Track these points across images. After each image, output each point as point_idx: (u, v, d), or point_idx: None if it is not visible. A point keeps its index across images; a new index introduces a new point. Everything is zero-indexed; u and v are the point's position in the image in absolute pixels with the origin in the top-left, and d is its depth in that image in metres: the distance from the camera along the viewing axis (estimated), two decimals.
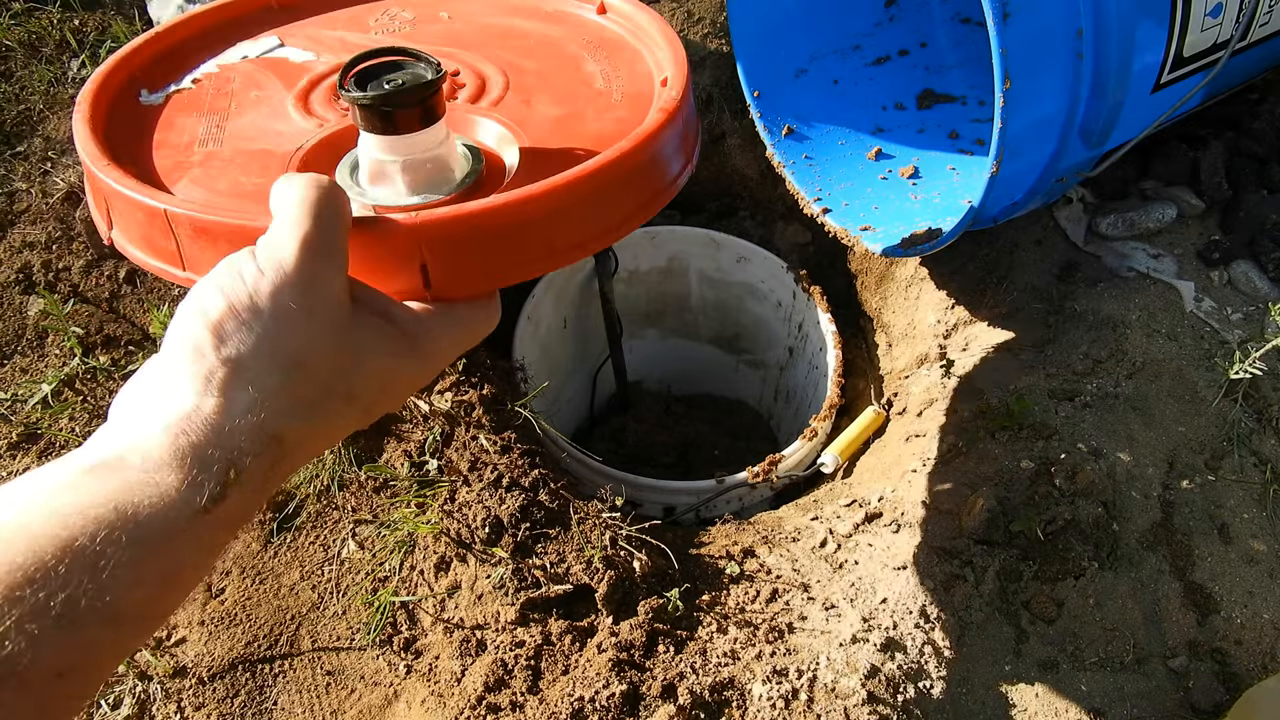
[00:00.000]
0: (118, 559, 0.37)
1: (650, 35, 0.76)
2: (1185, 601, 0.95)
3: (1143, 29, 1.02)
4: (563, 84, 0.73)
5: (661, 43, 0.74)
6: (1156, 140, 1.30)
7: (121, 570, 0.37)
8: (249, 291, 0.42)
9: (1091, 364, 1.14)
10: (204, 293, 0.43)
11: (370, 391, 0.47)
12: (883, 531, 1.03)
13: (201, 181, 0.62)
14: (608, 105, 0.71)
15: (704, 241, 1.61)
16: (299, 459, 0.45)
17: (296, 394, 0.43)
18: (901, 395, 1.34)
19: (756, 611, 0.93)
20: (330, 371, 0.44)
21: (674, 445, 1.74)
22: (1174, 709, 0.89)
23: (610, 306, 1.57)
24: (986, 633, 0.92)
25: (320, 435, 0.46)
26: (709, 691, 0.85)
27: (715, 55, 1.56)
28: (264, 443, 0.42)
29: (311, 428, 0.45)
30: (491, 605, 0.94)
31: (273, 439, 0.42)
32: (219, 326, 0.42)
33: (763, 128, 1.46)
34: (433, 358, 0.50)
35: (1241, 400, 1.08)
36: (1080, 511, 0.97)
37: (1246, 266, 1.22)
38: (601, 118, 0.69)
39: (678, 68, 0.68)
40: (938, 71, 1.50)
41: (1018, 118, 0.96)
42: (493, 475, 1.03)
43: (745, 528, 1.11)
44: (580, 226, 0.56)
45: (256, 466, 0.42)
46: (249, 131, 0.66)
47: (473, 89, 0.71)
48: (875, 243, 1.28)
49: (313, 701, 0.94)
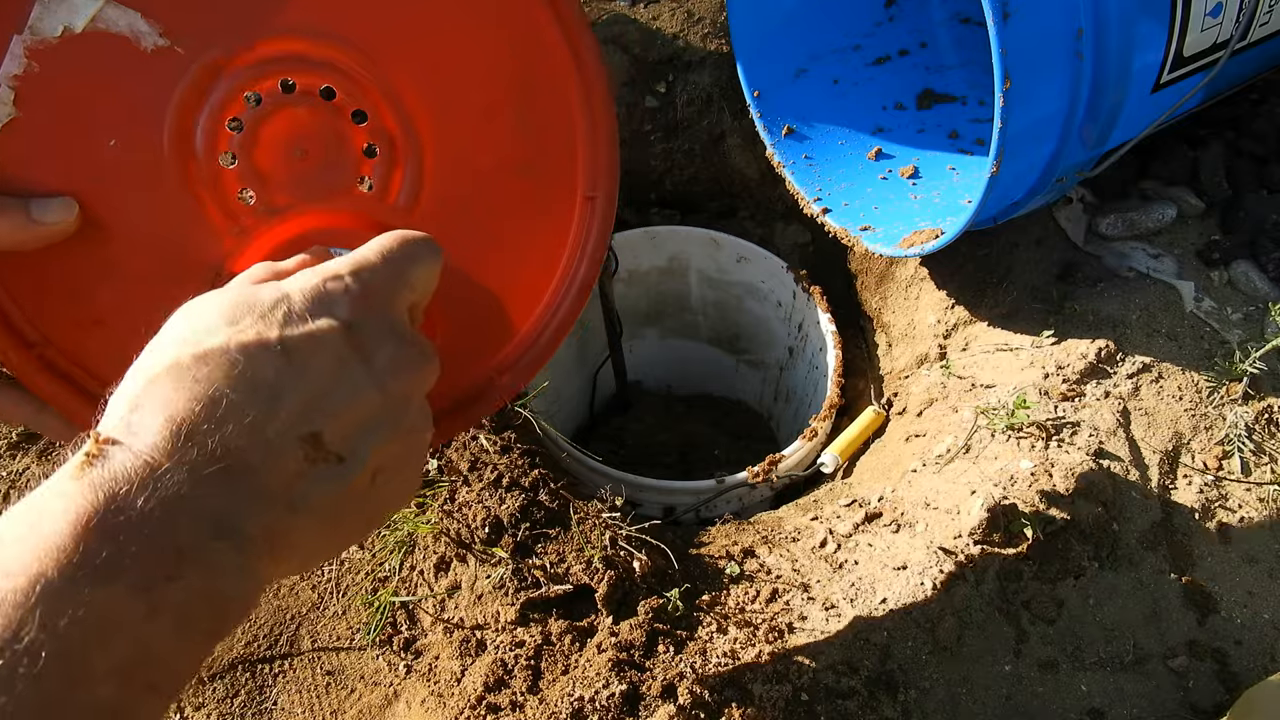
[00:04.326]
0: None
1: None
2: (1185, 601, 0.95)
3: (1142, 28, 1.02)
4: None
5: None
6: (1156, 140, 1.30)
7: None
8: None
9: (1091, 364, 1.14)
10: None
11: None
12: (883, 531, 1.03)
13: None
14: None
15: (704, 241, 1.61)
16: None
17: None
18: (901, 395, 1.34)
19: (756, 611, 0.93)
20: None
21: (674, 445, 1.74)
22: (1174, 709, 0.89)
23: (610, 306, 1.57)
24: (986, 633, 0.92)
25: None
26: (709, 691, 0.85)
27: (715, 55, 1.56)
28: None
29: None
30: (491, 605, 0.94)
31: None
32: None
33: (763, 128, 1.46)
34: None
35: (1241, 400, 1.08)
36: (1080, 511, 0.97)
37: (1246, 266, 1.22)
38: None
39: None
40: (938, 71, 1.50)
41: (1018, 118, 0.96)
42: (492, 475, 1.03)
43: (745, 528, 1.11)
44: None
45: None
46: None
47: (382, 170, 0.60)
48: (875, 243, 1.28)
49: (313, 701, 0.94)
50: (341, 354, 0.43)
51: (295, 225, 0.59)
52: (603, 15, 1.59)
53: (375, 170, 0.60)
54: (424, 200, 0.62)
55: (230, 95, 0.56)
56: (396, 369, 0.45)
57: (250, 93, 0.56)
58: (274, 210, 0.59)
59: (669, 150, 1.60)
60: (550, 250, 0.67)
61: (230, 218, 0.58)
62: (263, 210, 0.59)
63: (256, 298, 0.43)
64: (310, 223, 0.60)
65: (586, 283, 0.68)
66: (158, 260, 0.58)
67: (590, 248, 0.68)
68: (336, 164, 0.59)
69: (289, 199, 0.59)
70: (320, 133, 0.58)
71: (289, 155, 0.58)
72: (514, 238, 0.65)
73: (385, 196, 0.61)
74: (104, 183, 0.56)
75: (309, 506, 0.41)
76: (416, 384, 0.48)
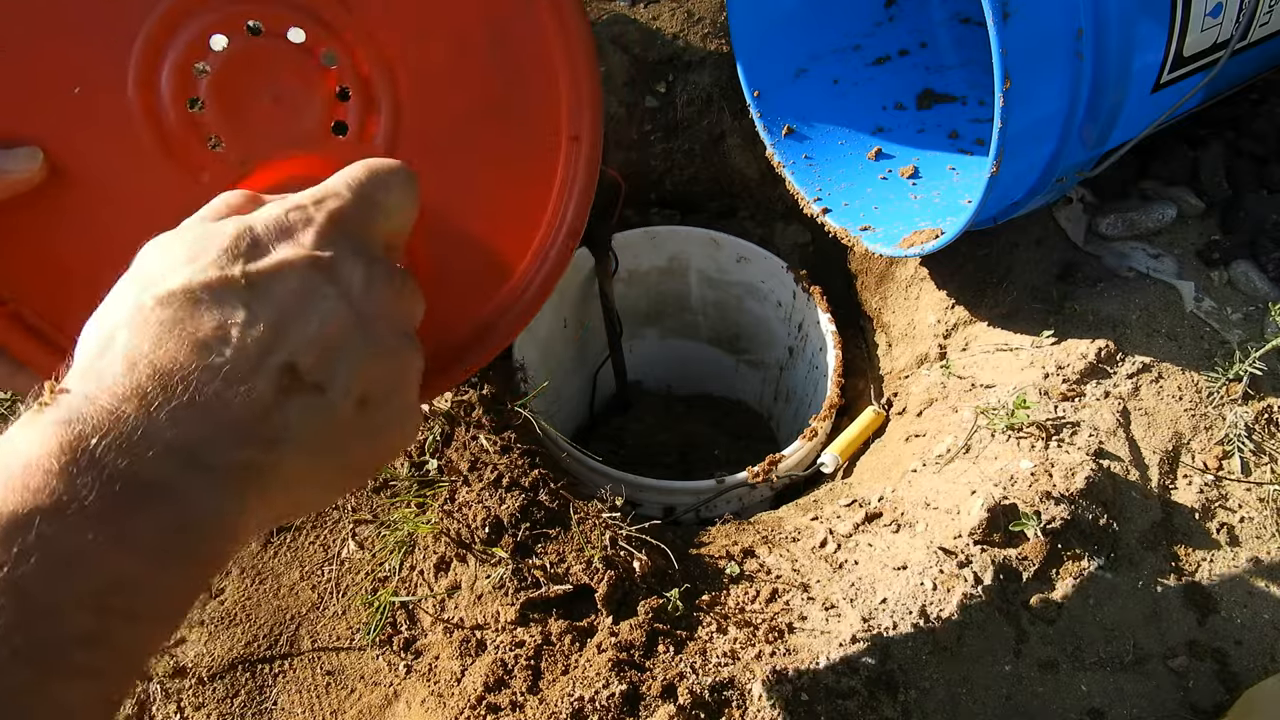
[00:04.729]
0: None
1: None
2: (1185, 601, 0.95)
3: (1142, 28, 1.02)
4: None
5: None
6: (1156, 140, 1.30)
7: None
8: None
9: (1091, 364, 1.14)
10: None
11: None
12: (883, 531, 1.03)
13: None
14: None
15: (704, 241, 1.61)
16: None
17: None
18: (901, 395, 1.34)
19: (756, 611, 0.93)
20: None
21: (674, 445, 1.74)
22: (1174, 709, 0.89)
23: (610, 306, 1.57)
24: (986, 633, 0.92)
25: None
26: (709, 691, 0.85)
27: (715, 55, 1.56)
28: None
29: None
30: (491, 605, 0.94)
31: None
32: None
33: (763, 128, 1.46)
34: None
35: (1241, 400, 1.08)
36: (1080, 511, 0.97)
37: (1246, 266, 1.22)
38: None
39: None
40: (938, 71, 1.50)
41: (1018, 118, 0.96)
42: (493, 475, 1.03)
43: (745, 528, 1.11)
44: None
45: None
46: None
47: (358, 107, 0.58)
48: (875, 243, 1.28)
49: (313, 701, 0.94)
50: (309, 281, 0.42)
51: (269, 173, 0.58)
52: (603, 15, 1.59)
53: (350, 113, 0.58)
54: (401, 145, 0.60)
55: (196, 38, 0.54)
56: (369, 290, 0.44)
57: (217, 34, 0.55)
58: (245, 157, 0.57)
59: (669, 150, 1.60)
60: (537, 195, 0.65)
61: (200, 166, 0.57)
62: (234, 158, 0.57)
63: (217, 232, 0.42)
64: (284, 170, 0.58)
65: (575, 228, 0.66)
66: (126, 210, 0.56)
67: (578, 190, 0.65)
68: (309, 108, 0.57)
69: (261, 145, 0.57)
70: (291, 76, 0.57)
71: (259, 100, 0.56)
72: (498, 182, 0.64)
73: (361, 141, 0.59)
74: (69, 131, 0.54)
75: (292, 439, 0.41)
76: (393, 304, 0.46)
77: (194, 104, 0.56)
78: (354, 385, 0.43)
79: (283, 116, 0.57)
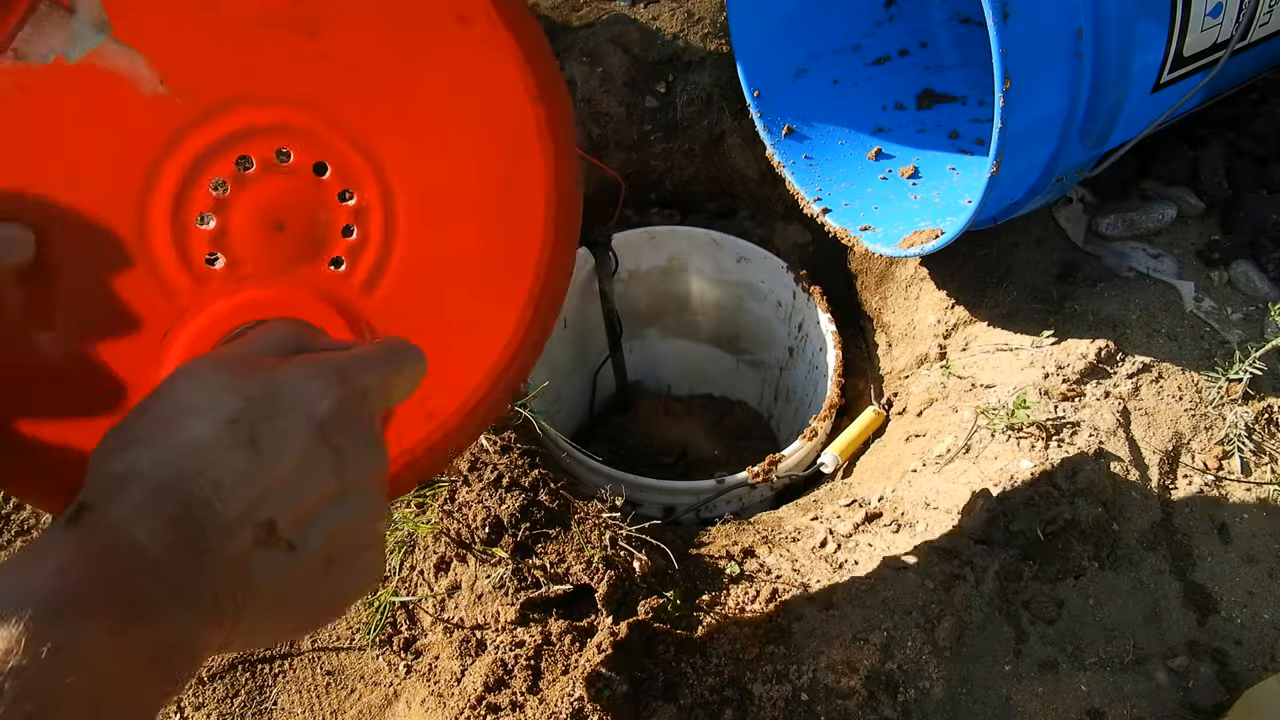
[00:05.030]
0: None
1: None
2: (1185, 601, 0.95)
3: (1142, 28, 1.02)
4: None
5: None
6: (1156, 140, 1.30)
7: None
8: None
9: (1091, 364, 1.14)
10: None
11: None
12: (883, 531, 1.03)
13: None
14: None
15: (704, 241, 1.61)
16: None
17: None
18: (901, 395, 1.34)
19: (756, 611, 0.93)
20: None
21: (674, 445, 1.74)
22: (1174, 709, 0.89)
23: (610, 306, 1.57)
24: (986, 633, 0.92)
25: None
26: (709, 691, 0.85)
27: (715, 55, 1.56)
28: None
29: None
30: (491, 605, 0.94)
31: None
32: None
33: (763, 128, 1.46)
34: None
35: (1241, 400, 1.08)
36: (1080, 511, 0.97)
37: (1246, 266, 1.22)
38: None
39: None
40: (938, 71, 1.50)
41: (1018, 118, 0.96)
42: (492, 475, 1.03)
43: (745, 528, 1.11)
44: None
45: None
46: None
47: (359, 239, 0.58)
48: (875, 243, 1.28)
49: (313, 701, 0.94)
50: (311, 450, 0.45)
51: (253, 294, 0.57)
52: (603, 15, 1.59)
53: (349, 251, 0.59)
54: (384, 284, 0.60)
55: (219, 156, 0.54)
56: (360, 464, 0.47)
57: (242, 155, 0.54)
58: (238, 278, 0.56)
59: (669, 150, 1.60)
60: (485, 347, 0.67)
61: (193, 279, 0.55)
62: (226, 276, 0.56)
63: (245, 383, 0.45)
64: (269, 294, 0.57)
65: (511, 385, 0.68)
66: (104, 312, 0.54)
67: (526, 352, 0.68)
68: (313, 240, 0.57)
69: (256, 268, 0.57)
70: (304, 208, 0.56)
71: (267, 226, 0.56)
72: (453, 327, 0.65)
73: (350, 277, 0.59)
74: (63, 224, 0.52)
75: (254, 586, 0.44)
76: (377, 474, 0.49)
77: (202, 218, 0.55)
78: (324, 547, 0.46)
79: (287, 244, 0.57)
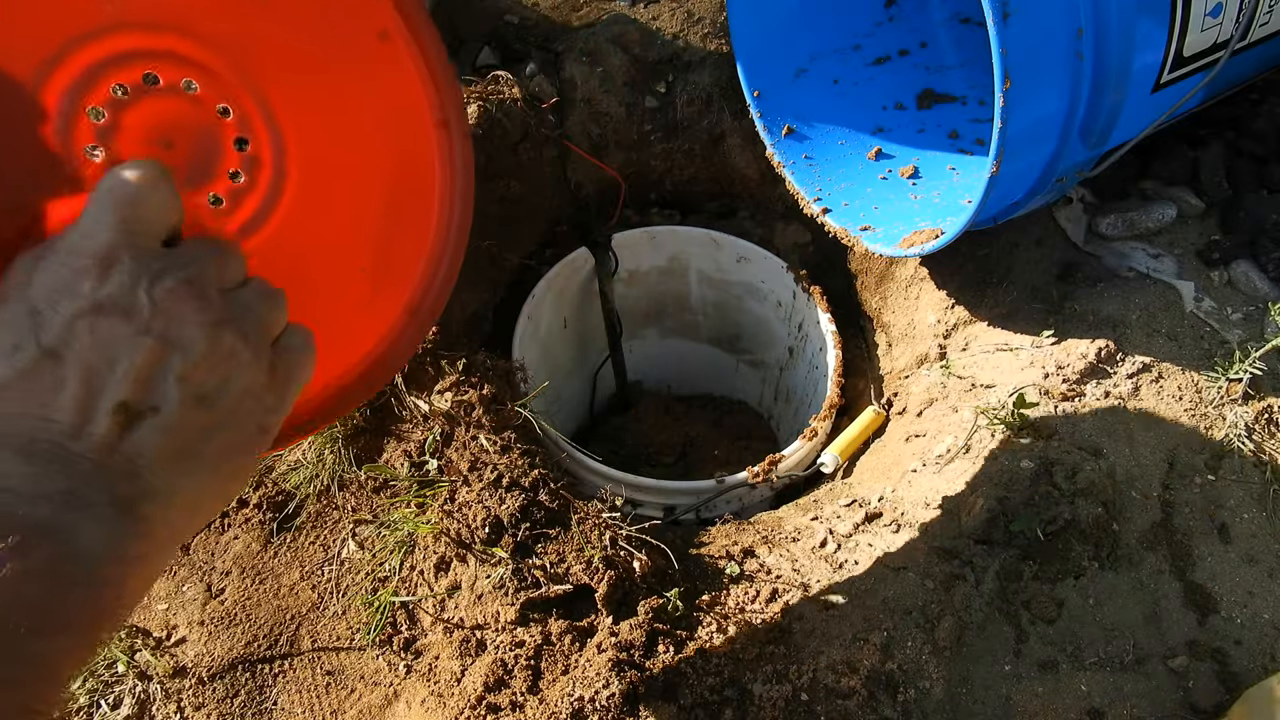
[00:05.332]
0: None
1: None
2: (1185, 601, 0.95)
3: (1143, 29, 1.02)
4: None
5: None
6: (1156, 140, 1.30)
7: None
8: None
9: (1091, 364, 1.14)
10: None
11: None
12: (883, 531, 1.03)
13: None
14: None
15: (704, 241, 1.61)
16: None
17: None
18: (901, 395, 1.34)
19: (756, 611, 0.93)
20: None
21: (674, 445, 1.74)
22: (1174, 709, 0.89)
23: (610, 306, 1.57)
24: (986, 633, 0.92)
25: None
26: (709, 691, 0.85)
27: (715, 55, 1.56)
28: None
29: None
30: (491, 605, 0.94)
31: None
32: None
33: (763, 128, 1.46)
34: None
35: (1241, 400, 1.08)
36: (1080, 511, 0.97)
37: (1246, 266, 1.22)
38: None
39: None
40: (938, 71, 1.50)
41: (1018, 117, 0.96)
42: (493, 475, 1.03)
43: (745, 528, 1.11)
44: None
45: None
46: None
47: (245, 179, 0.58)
48: (875, 243, 1.28)
49: (313, 701, 0.94)
50: (98, 325, 0.44)
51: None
52: (603, 15, 1.59)
53: (231, 194, 0.59)
54: (257, 239, 0.60)
55: (129, 65, 0.53)
56: (156, 304, 0.45)
57: (150, 71, 0.54)
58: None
59: (669, 150, 1.60)
60: (348, 346, 0.67)
61: (70, 167, 0.54)
62: (99, 174, 0.55)
63: (10, 318, 0.44)
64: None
65: (371, 384, 0.69)
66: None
67: (389, 360, 0.68)
68: (198, 168, 0.57)
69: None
70: (196, 135, 0.56)
71: (156, 139, 0.55)
72: (319, 312, 0.63)
73: (225, 217, 0.59)
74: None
75: (149, 461, 0.44)
76: (181, 295, 0.46)
77: (97, 115, 0.54)
78: (183, 391, 0.46)
79: (169, 163, 0.55)
